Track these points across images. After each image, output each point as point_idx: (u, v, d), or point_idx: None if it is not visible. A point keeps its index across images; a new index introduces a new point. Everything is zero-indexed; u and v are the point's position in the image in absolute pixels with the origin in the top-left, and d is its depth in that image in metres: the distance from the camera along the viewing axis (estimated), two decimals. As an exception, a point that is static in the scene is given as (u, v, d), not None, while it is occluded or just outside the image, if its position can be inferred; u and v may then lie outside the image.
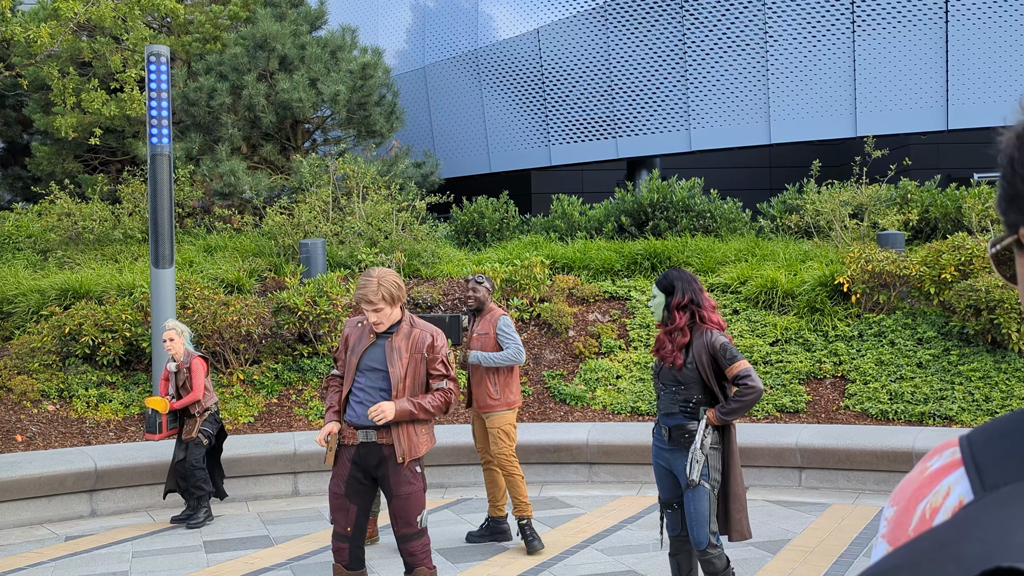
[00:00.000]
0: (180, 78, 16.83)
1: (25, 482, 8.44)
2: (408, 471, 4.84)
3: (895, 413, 9.78)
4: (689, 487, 4.79)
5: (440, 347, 4.88)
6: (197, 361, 8.27)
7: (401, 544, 4.91)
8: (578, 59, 20.19)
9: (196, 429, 8.21)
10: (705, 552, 4.83)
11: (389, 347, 4.84)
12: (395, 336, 4.87)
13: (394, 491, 4.84)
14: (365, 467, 4.89)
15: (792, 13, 18.66)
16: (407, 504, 4.84)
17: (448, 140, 22.22)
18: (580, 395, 10.73)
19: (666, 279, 4.91)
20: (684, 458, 4.87)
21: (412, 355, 4.85)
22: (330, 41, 17.69)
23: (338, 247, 13.48)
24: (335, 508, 4.90)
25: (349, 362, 4.91)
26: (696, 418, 4.87)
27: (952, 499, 0.84)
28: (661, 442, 5.01)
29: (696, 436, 4.81)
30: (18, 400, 10.07)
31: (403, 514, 4.86)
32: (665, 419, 4.96)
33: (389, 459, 4.84)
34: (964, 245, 10.91)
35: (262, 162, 17.37)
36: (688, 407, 4.87)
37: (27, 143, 19.57)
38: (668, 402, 4.93)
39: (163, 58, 10.55)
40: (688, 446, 4.87)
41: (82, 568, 7.09)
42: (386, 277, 4.79)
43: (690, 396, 4.87)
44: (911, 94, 18.33)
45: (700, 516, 4.78)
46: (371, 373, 4.86)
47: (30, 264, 13.67)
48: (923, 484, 0.88)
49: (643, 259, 12.98)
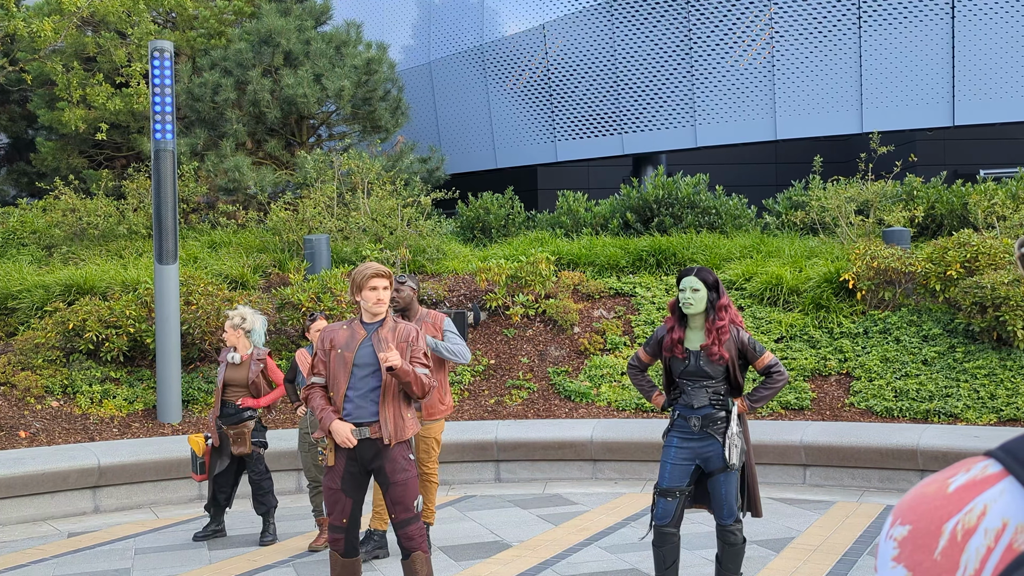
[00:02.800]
0: (185, 73, 16.82)
1: (28, 478, 8.44)
2: (402, 459, 5.06)
3: (900, 410, 9.74)
4: (723, 471, 5.11)
5: (422, 339, 5.13)
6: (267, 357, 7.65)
7: (399, 529, 5.08)
8: (584, 55, 20.15)
9: (248, 443, 7.44)
10: (731, 526, 5.16)
11: (376, 338, 5.05)
12: (380, 330, 5.10)
13: (391, 479, 5.05)
14: (362, 461, 5.09)
15: (798, 9, 18.59)
16: (405, 490, 5.05)
17: (453, 136, 22.20)
18: (585, 391, 10.71)
19: (710, 274, 5.13)
20: (717, 445, 5.14)
21: (398, 344, 5.05)
22: (335, 36, 17.67)
23: (343, 243, 13.46)
24: (331, 502, 5.10)
25: (343, 359, 5.04)
26: (725, 408, 5.17)
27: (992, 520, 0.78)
28: (688, 433, 5.19)
29: (731, 423, 5.11)
30: (22, 396, 10.07)
31: (401, 500, 5.06)
32: (694, 411, 5.17)
33: (383, 450, 5.06)
34: (970, 242, 10.86)
35: (267, 158, 17.36)
36: (719, 398, 5.16)
37: (32, 139, 19.58)
38: (698, 395, 5.16)
39: (167, 53, 10.54)
40: (721, 433, 5.14)
41: (85, 565, 7.09)
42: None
43: (719, 388, 5.15)
44: (917, 90, 18.26)
45: (732, 495, 5.14)
46: (361, 371, 5.05)
47: (34, 260, 13.68)
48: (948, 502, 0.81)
49: (648, 255, 12.95)
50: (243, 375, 7.49)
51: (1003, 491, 0.78)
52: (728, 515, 5.15)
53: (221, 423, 7.52)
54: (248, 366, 7.52)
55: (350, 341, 5.07)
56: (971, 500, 0.79)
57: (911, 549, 0.81)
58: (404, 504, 5.06)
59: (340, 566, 5.20)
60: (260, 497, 7.49)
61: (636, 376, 5.44)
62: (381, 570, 6.74)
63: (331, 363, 5.09)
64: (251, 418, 7.52)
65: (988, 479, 0.80)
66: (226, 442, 7.54)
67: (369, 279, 5.03)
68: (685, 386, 5.19)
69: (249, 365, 7.52)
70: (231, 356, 7.52)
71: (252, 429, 7.50)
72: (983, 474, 0.81)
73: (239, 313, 7.59)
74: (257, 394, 7.54)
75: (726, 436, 5.11)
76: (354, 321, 5.16)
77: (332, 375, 5.09)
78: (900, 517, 0.84)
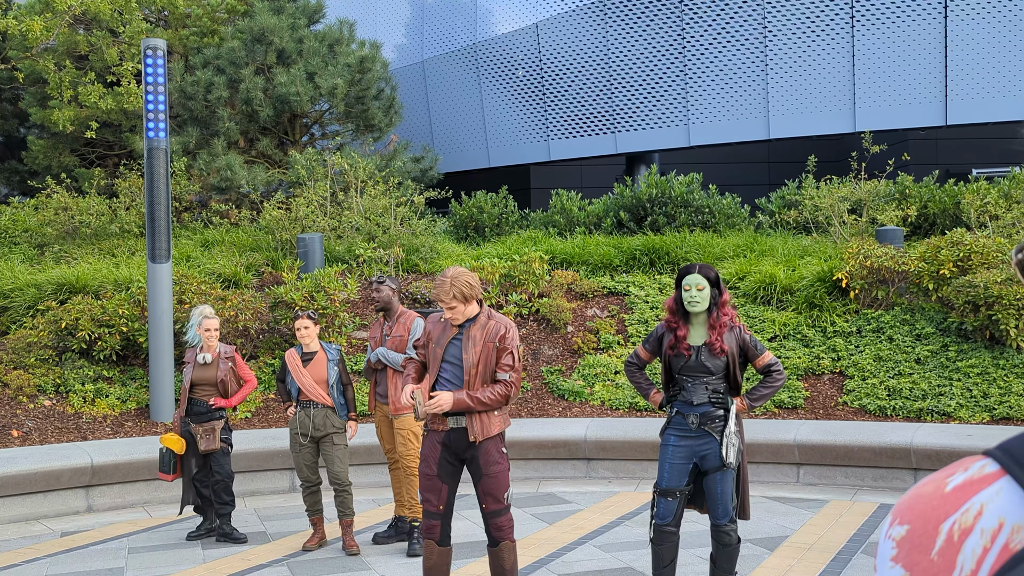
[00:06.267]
0: (177, 72, 16.77)
1: (21, 477, 8.41)
2: (495, 451, 5.16)
3: (893, 409, 9.76)
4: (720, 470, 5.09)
5: (511, 339, 5.15)
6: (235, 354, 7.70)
7: (490, 520, 5.21)
8: (577, 53, 20.15)
9: (218, 439, 7.49)
10: (726, 526, 5.13)
11: (466, 336, 5.15)
12: (472, 327, 5.17)
13: (483, 471, 5.15)
14: (455, 450, 5.19)
15: (791, 8, 18.62)
16: (496, 482, 5.16)
17: (447, 135, 22.18)
18: (578, 391, 10.71)
19: (712, 271, 5.13)
20: (714, 443, 5.11)
21: (485, 343, 5.12)
22: (328, 35, 17.64)
23: (336, 242, 13.45)
24: (427, 488, 5.18)
25: (435, 353, 5.21)
26: (724, 406, 5.15)
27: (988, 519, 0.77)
28: (685, 431, 5.17)
29: (729, 421, 5.09)
30: (14, 395, 10.04)
31: (493, 491, 5.16)
32: (692, 408, 5.15)
33: (476, 443, 5.18)
34: (963, 241, 10.89)
35: (259, 156, 17.32)
36: (719, 396, 5.14)
37: (23, 137, 19.49)
38: (698, 392, 5.14)
39: (160, 51, 10.51)
40: (720, 431, 5.12)
41: (78, 564, 7.07)
42: (459, 277, 5.07)
43: (719, 386, 5.14)
44: (910, 89, 18.30)
45: (727, 496, 5.12)
46: (450, 367, 5.18)
47: (26, 259, 13.63)
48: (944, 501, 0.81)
49: (642, 255, 12.96)
50: (212, 374, 7.54)
51: (999, 491, 0.78)
52: (723, 515, 5.13)
53: (189, 421, 7.55)
54: (217, 365, 7.56)
55: (441, 337, 5.20)
56: (968, 500, 0.79)
57: (909, 549, 0.80)
58: (495, 496, 5.16)
59: (436, 555, 5.21)
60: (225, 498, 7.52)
61: (633, 373, 5.43)
62: (378, 569, 6.73)
63: (429, 353, 5.26)
64: (221, 417, 7.59)
65: (985, 479, 0.80)
66: (194, 442, 7.58)
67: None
68: (685, 382, 5.17)
69: (218, 364, 7.57)
70: (201, 356, 7.57)
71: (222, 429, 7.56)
72: (980, 474, 0.80)
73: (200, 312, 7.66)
74: (225, 392, 7.59)
75: (724, 435, 5.09)
76: None
77: (427, 364, 5.29)
78: (898, 517, 0.83)
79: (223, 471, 7.52)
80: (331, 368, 7.22)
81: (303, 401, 7.19)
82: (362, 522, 8.04)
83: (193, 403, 7.58)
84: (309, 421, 7.14)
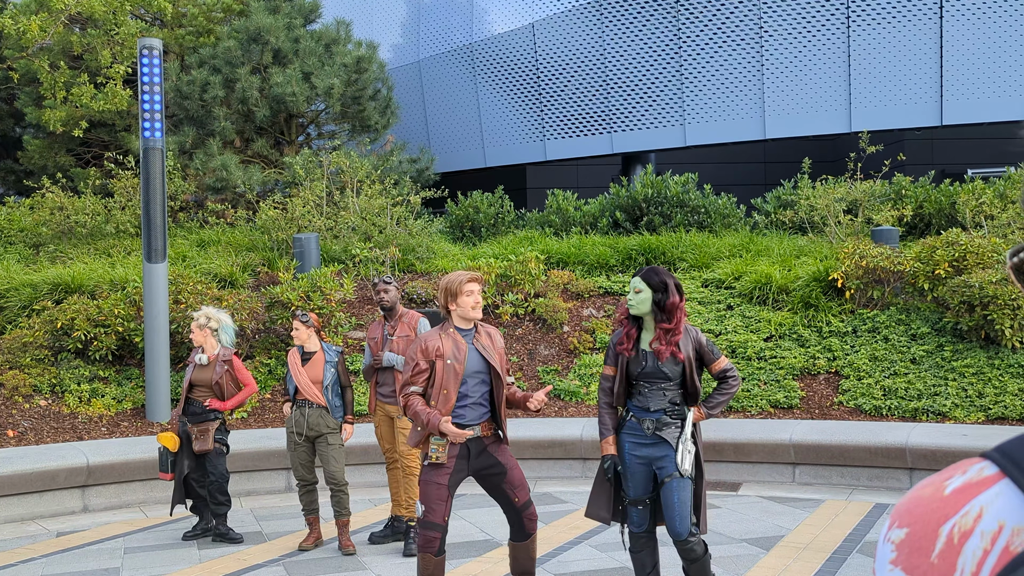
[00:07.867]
0: (173, 71, 16.76)
1: (16, 478, 8.40)
2: (509, 448, 5.32)
3: (889, 409, 9.78)
4: (675, 478, 4.93)
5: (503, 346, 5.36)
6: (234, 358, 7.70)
7: (526, 510, 5.23)
8: (573, 54, 20.16)
9: (211, 440, 7.49)
10: (687, 540, 4.94)
11: (480, 347, 5.20)
12: (479, 337, 5.23)
13: (507, 464, 5.21)
14: (470, 459, 5.19)
15: (787, 8, 18.64)
16: (520, 472, 5.25)
17: (443, 135, 22.18)
18: (574, 390, 10.71)
19: (658, 276, 4.95)
20: (669, 450, 4.97)
21: (496, 349, 5.25)
22: (324, 34, 17.63)
23: (332, 242, 13.44)
24: (437, 499, 5.06)
25: (454, 369, 5.11)
26: (681, 416, 5.03)
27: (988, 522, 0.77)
28: (641, 437, 5.04)
29: (686, 428, 4.98)
30: (10, 395, 10.03)
31: (522, 482, 5.23)
32: (648, 414, 5.02)
33: (491, 444, 5.22)
34: (958, 241, 10.91)
35: (255, 156, 17.31)
36: (675, 407, 5.02)
37: (19, 136, 19.46)
38: (656, 398, 5.01)
39: (156, 51, 10.51)
40: (675, 438, 4.98)
41: (74, 564, 7.06)
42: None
43: (675, 395, 5.03)
44: (906, 90, 18.32)
45: (684, 506, 4.92)
46: (473, 379, 5.17)
47: (22, 258, 13.61)
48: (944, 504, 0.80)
49: (638, 254, 12.97)
50: (208, 376, 7.57)
51: (999, 493, 0.77)
52: (682, 528, 4.91)
53: (186, 420, 7.60)
54: (214, 367, 7.58)
55: (456, 352, 5.13)
56: (967, 502, 0.79)
57: (908, 552, 0.80)
58: (525, 486, 5.23)
59: (433, 565, 5.13)
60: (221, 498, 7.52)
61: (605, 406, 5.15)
62: (375, 569, 6.73)
63: (438, 372, 5.11)
64: (217, 418, 7.60)
65: (984, 481, 0.79)
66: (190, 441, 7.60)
67: (465, 284, 5.12)
68: (643, 388, 5.04)
69: (215, 367, 7.58)
70: (199, 357, 7.62)
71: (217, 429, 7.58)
72: (979, 476, 0.80)
73: (204, 313, 7.69)
74: (221, 395, 7.59)
75: (679, 441, 4.96)
76: (449, 329, 5.18)
77: (440, 384, 5.12)
78: (898, 520, 0.83)
79: (217, 471, 7.52)
80: (327, 369, 7.23)
81: (300, 400, 7.21)
82: (358, 522, 8.04)
83: (190, 403, 7.63)
84: (304, 420, 7.16)
